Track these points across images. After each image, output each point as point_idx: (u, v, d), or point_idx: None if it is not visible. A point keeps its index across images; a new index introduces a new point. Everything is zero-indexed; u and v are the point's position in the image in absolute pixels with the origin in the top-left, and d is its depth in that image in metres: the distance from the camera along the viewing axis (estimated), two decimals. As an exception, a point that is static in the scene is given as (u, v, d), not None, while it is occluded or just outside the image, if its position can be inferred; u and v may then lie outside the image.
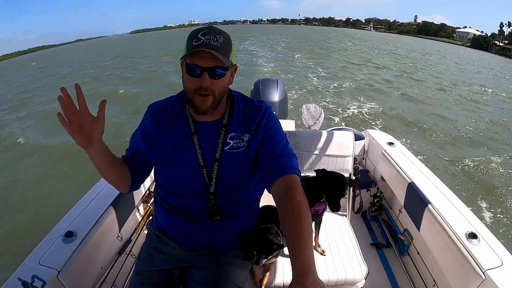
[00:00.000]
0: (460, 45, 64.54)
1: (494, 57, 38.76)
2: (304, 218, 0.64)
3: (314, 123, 2.15)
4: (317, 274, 0.53)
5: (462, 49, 48.84)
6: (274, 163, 0.76)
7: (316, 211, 1.07)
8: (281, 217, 0.67)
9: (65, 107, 0.63)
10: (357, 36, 38.96)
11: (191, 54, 0.69)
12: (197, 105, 0.73)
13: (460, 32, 78.58)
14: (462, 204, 1.17)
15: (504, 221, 3.43)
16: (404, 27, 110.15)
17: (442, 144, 5.84)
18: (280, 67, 13.53)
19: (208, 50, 0.67)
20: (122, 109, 7.53)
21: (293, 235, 0.61)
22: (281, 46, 24.82)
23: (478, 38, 65.21)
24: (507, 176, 4.56)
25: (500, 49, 52.92)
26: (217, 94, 0.74)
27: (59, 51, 54.09)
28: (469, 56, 32.02)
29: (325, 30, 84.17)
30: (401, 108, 7.78)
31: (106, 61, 19.72)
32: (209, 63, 0.69)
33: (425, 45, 44.11)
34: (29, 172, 4.62)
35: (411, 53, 25.97)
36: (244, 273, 0.91)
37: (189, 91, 0.73)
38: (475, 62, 25.57)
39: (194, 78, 0.71)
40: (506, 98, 10.60)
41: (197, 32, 0.70)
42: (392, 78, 11.90)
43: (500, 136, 6.50)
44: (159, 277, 0.88)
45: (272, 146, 0.79)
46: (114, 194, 1.23)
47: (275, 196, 0.73)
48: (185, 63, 0.71)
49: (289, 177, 0.74)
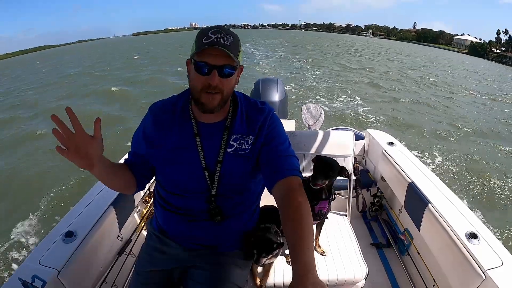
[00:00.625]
0: (458, 52, 65.80)
1: (492, 64, 39.72)
2: (305, 219, 0.64)
3: (314, 123, 2.14)
4: (318, 275, 0.53)
5: (460, 56, 50.05)
6: (276, 164, 0.77)
7: (321, 210, 1.07)
8: (282, 218, 0.67)
9: (61, 138, 0.61)
10: (356, 46, 38.58)
11: (200, 51, 0.68)
12: (205, 103, 0.73)
13: (458, 39, 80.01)
14: (462, 204, 1.17)
15: (504, 221, 3.42)
16: (403, 34, 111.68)
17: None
18: (280, 68, 13.56)
19: (219, 48, 0.67)
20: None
21: (294, 235, 0.61)
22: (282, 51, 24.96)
23: (476, 45, 66.39)
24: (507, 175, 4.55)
25: (497, 56, 53.68)
26: (225, 93, 0.73)
27: (70, 50, 54.82)
28: (469, 63, 32.60)
29: (325, 36, 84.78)
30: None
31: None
32: (219, 61, 0.69)
33: (426, 52, 44.44)
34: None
35: (416, 60, 25.95)
36: (244, 273, 0.91)
37: (197, 89, 0.72)
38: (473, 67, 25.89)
39: (202, 76, 0.70)
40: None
41: (207, 31, 0.70)
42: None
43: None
44: (159, 277, 0.88)
45: (274, 148, 0.79)
46: (114, 194, 1.23)
47: (277, 198, 0.73)
48: (193, 61, 0.71)
49: (290, 179, 0.74)
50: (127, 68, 16.09)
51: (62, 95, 10.36)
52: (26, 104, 9.54)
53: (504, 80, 19.15)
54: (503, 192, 4.12)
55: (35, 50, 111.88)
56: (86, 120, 0.69)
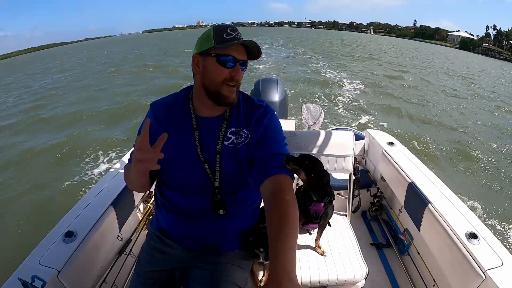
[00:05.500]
0: (450, 46, 71.25)
1: (474, 56, 47.46)
2: (291, 218, 0.62)
3: (314, 123, 2.15)
4: (296, 278, 0.51)
5: (450, 50, 56.52)
6: (267, 161, 0.76)
7: (316, 212, 1.06)
8: (268, 214, 0.65)
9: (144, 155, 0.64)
10: (348, 40, 41.98)
11: (224, 46, 0.73)
12: (226, 95, 0.77)
13: (453, 35, 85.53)
14: (462, 204, 1.17)
15: (504, 220, 3.43)
16: (403, 31, 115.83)
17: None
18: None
19: (246, 43, 0.74)
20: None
21: (277, 232, 0.59)
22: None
23: (466, 41, 72.38)
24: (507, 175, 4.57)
25: (483, 50, 63.51)
26: (239, 86, 0.79)
27: (96, 45, 57.70)
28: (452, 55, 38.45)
29: (328, 33, 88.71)
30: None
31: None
32: (242, 56, 0.76)
33: (416, 46, 49.68)
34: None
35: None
36: (244, 273, 0.91)
37: (216, 82, 0.76)
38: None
39: (226, 69, 0.74)
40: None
41: (224, 28, 0.75)
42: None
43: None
44: (159, 277, 0.87)
45: (268, 146, 0.79)
46: (114, 194, 1.23)
47: (264, 194, 0.72)
48: (214, 55, 0.74)
49: (280, 177, 0.73)
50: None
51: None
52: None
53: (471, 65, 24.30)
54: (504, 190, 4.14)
55: (46, 47, 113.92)
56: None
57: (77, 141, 5.47)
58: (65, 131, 6.19)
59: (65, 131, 6.19)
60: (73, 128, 6.34)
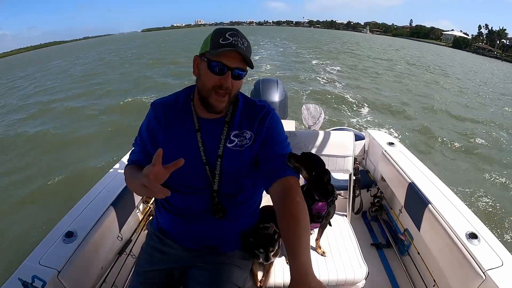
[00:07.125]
0: (444, 45, 73.20)
1: (465, 54, 50.14)
2: (303, 218, 0.64)
3: (314, 123, 2.15)
4: (315, 274, 0.53)
5: (443, 48, 58.80)
6: (274, 163, 0.77)
7: (318, 212, 1.06)
8: (279, 217, 0.67)
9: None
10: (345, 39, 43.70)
11: (217, 52, 0.69)
12: (213, 104, 0.74)
13: (446, 34, 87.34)
14: (462, 204, 1.17)
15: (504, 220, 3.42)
16: (399, 30, 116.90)
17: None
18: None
19: (239, 51, 0.69)
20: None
21: (291, 234, 0.61)
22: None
23: (458, 39, 74.69)
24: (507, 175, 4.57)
25: (475, 48, 66.00)
26: (232, 94, 0.75)
27: (103, 42, 59.66)
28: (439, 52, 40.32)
29: (324, 32, 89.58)
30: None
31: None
32: (234, 64, 0.71)
33: (409, 44, 51.96)
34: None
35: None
36: (244, 273, 0.91)
37: (207, 88, 0.73)
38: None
39: (216, 75, 0.71)
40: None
41: (224, 32, 0.71)
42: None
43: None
44: (159, 277, 0.87)
45: (273, 147, 0.79)
46: (114, 194, 1.23)
47: (274, 197, 0.73)
48: (206, 59, 0.72)
49: (288, 179, 0.74)
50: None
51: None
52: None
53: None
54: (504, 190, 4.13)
55: (46, 46, 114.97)
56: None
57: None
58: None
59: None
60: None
